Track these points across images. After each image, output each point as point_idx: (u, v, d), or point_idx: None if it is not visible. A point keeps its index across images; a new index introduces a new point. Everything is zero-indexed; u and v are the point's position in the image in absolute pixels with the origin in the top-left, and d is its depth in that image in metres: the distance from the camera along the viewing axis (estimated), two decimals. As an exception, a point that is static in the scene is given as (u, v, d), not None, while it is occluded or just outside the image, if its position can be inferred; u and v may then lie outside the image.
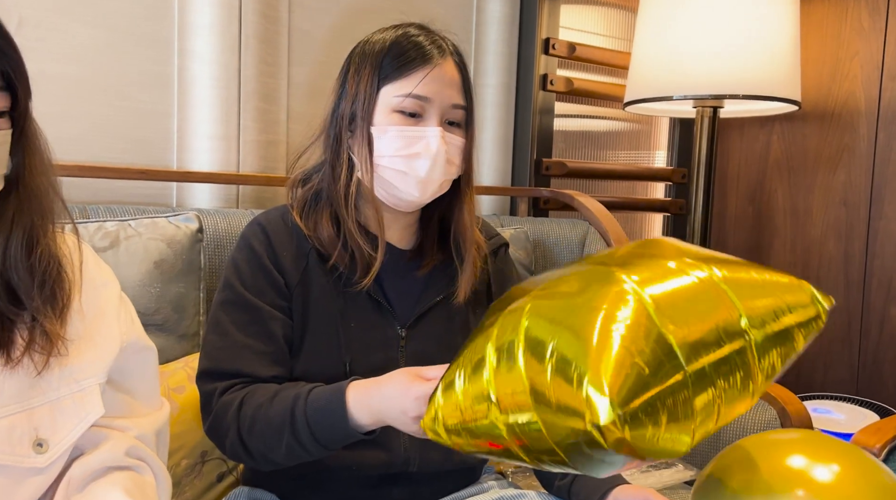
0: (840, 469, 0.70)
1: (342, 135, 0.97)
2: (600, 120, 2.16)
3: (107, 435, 0.78)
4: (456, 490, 1.01)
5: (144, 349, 0.84)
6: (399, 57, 0.94)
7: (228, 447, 0.89)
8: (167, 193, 1.49)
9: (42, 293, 0.71)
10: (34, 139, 0.75)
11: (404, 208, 0.98)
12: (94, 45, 1.39)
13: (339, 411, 0.81)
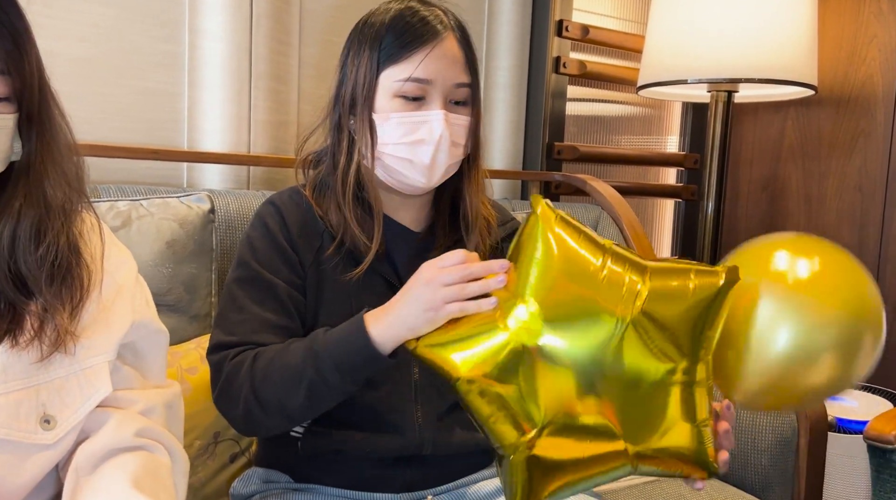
0: (821, 264, 0.80)
1: (343, 120, 0.96)
2: (612, 104, 2.14)
3: (111, 416, 0.76)
4: (468, 474, 1.01)
5: (156, 332, 0.84)
6: (398, 38, 0.91)
7: (242, 408, 0.86)
8: (178, 173, 1.48)
9: (52, 287, 0.70)
10: (49, 125, 0.72)
11: (413, 193, 0.97)
12: (104, 23, 1.38)
13: (359, 334, 0.80)
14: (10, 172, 0.71)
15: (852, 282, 0.79)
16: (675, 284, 0.75)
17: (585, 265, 0.75)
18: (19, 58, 0.68)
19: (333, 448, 0.93)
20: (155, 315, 0.84)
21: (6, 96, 0.68)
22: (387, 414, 0.93)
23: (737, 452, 1.33)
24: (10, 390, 0.69)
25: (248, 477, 1.01)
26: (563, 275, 0.75)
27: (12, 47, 0.67)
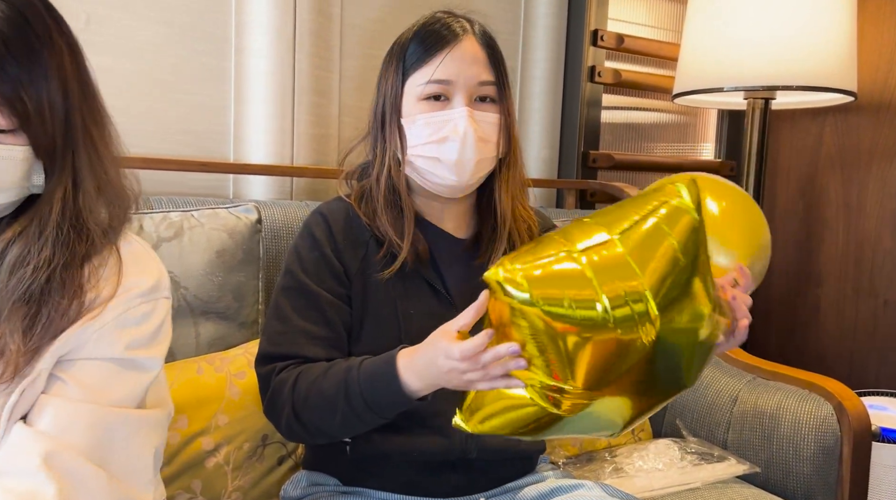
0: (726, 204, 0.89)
1: (378, 132, 1.00)
2: (647, 112, 2.15)
3: (22, 431, 0.69)
4: (513, 479, 1.02)
5: (121, 360, 0.74)
6: (420, 45, 0.96)
7: (284, 424, 0.90)
8: (224, 184, 1.52)
9: (11, 322, 0.67)
10: (80, 156, 0.71)
11: (448, 194, 0.99)
12: (155, 41, 1.43)
13: (390, 376, 0.83)
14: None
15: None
16: (672, 284, 0.73)
17: (592, 321, 0.72)
18: (23, 92, 0.66)
19: (381, 453, 0.95)
20: (133, 342, 0.75)
21: (10, 128, 0.66)
22: (433, 418, 0.95)
23: (778, 460, 1.33)
24: None
25: (297, 480, 1.04)
26: (580, 342, 0.73)
27: (25, 75, 0.65)
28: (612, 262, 0.73)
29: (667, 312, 0.73)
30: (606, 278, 0.72)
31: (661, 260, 0.73)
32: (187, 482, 1.06)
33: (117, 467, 0.73)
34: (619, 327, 0.71)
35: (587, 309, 0.71)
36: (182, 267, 1.17)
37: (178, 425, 1.06)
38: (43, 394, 0.71)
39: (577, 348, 0.72)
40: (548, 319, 0.71)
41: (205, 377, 1.11)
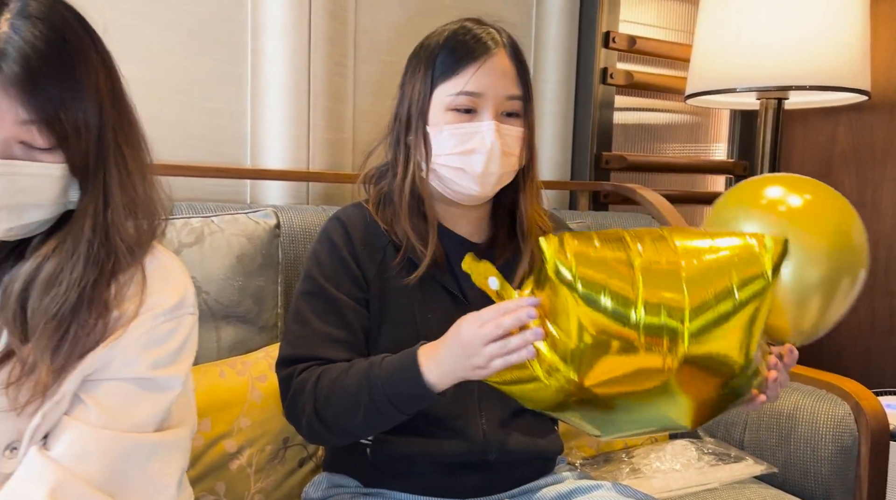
0: (811, 197, 0.86)
1: (401, 136, 1.00)
2: (659, 113, 2.15)
3: (33, 457, 0.69)
4: (532, 479, 1.03)
5: (140, 379, 0.74)
6: (451, 55, 0.96)
7: (305, 424, 0.91)
8: (241, 189, 1.54)
9: (43, 340, 0.68)
10: (112, 172, 0.72)
11: (469, 203, 1.00)
12: (171, 47, 1.45)
13: (411, 367, 0.84)
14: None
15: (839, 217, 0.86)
16: (716, 309, 0.73)
17: (620, 338, 0.73)
18: (61, 110, 0.67)
19: (401, 454, 0.97)
20: (156, 362, 0.75)
21: (48, 147, 0.67)
22: (452, 420, 0.96)
23: (796, 460, 1.33)
24: None
25: (318, 482, 1.05)
26: (601, 354, 0.74)
27: (63, 94, 0.66)
28: (666, 273, 0.73)
29: (698, 342, 0.72)
30: (652, 284, 0.72)
31: (713, 290, 0.72)
32: (211, 484, 1.08)
33: (132, 491, 0.73)
34: (645, 334, 0.71)
35: (622, 305, 0.72)
36: (203, 272, 1.19)
37: (202, 428, 1.08)
38: (65, 416, 0.72)
39: (596, 343, 0.73)
40: (581, 301, 0.72)
41: (227, 381, 1.12)
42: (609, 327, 0.72)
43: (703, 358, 0.73)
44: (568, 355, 0.74)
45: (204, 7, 1.47)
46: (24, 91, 0.65)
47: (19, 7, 0.67)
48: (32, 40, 0.66)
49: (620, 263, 0.73)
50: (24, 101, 0.65)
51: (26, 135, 0.67)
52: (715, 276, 0.73)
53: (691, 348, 0.72)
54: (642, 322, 0.72)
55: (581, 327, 0.73)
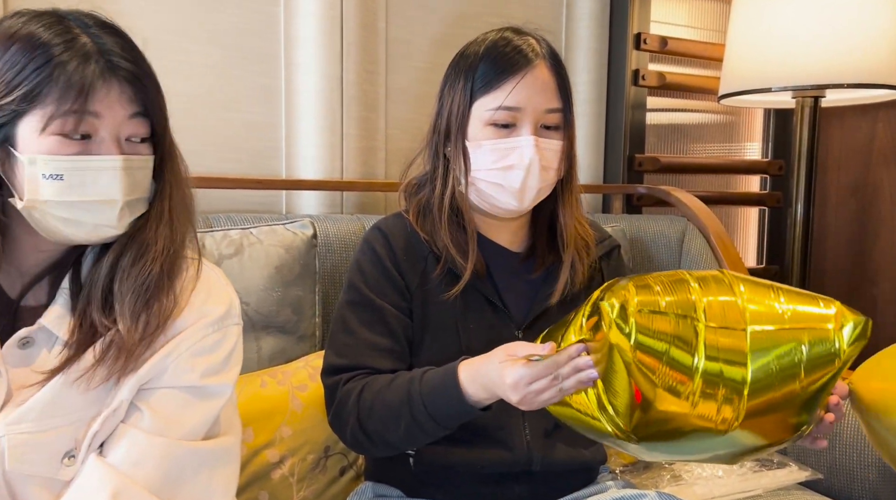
0: None
1: (440, 148, 1.00)
2: (692, 113, 2.13)
3: (93, 462, 0.73)
4: (575, 489, 1.03)
5: (190, 388, 0.78)
6: (490, 68, 0.95)
7: (349, 434, 0.92)
8: (277, 200, 1.56)
9: (135, 307, 0.73)
10: (174, 164, 0.79)
11: (506, 216, 1.00)
12: (208, 62, 1.47)
13: (452, 386, 0.84)
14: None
15: None
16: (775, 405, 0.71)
17: (675, 402, 0.71)
18: (159, 103, 0.76)
19: (444, 465, 0.97)
20: (207, 370, 0.79)
21: (147, 136, 0.75)
22: (496, 431, 0.96)
23: (841, 466, 1.31)
24: (50, 428, 0.71)
25: (362, 491, 1.06)
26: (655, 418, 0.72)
27: (153, 94, 0.75)
28: (728, 344, 0.70)
29: (754, 416, 0.70)
30: (713, 354, 0.69)
31: (779, 367, 0.70)
32: (255, 493, 1.09)
33: (183, 499, 0.76)
34: (700, 403, 0.69)
35: (678, 383, 0.70)
36: (243, 283, 1.20)
37: (245, 437, 1.09)
38: (121, 423, 0.75)
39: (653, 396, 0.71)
40: (636, 371, 0.70)
41: (268, 391, 1.13)
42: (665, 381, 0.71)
43: (759, 423, 0.71)
44: (620, 409, 0.74)
45: (239, 22, 1.49)
46: (133, 85, 0.72)
47: (89, 22, 0.73)
48: (122, 44, 0.73)
49: (683, 329, 0.70)
50: (132, 94, 0.73)
51: (132, 127, 0.74)
52: (782, 352, 0.70)
53: (745, 422, 0.70)
54: (698, 392, 0.70)
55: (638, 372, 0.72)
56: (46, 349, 0.74)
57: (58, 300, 0.76)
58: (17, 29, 0.70)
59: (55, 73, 0.68)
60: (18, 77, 0.68)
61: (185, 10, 1.44)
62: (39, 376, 0.72)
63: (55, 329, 0.74)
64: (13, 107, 0.68)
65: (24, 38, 0.69)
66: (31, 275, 0.77)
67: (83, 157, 0.71)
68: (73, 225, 0.72)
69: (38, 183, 0.70)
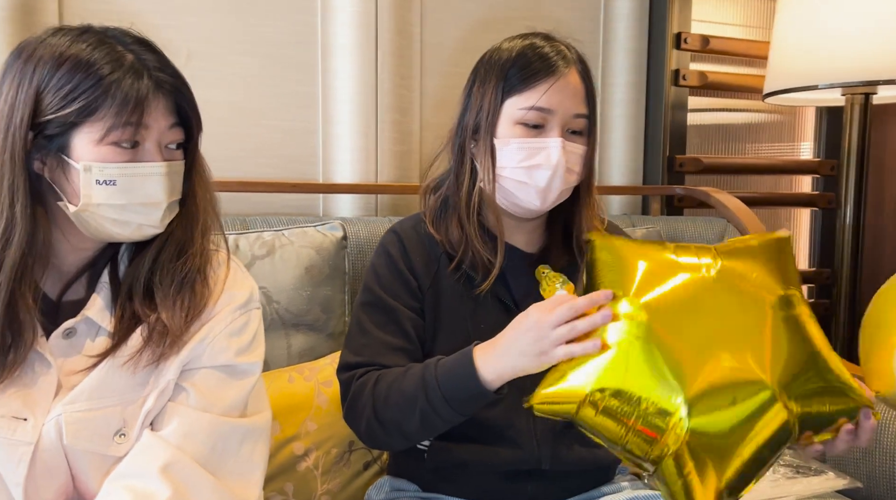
0: None
1: (466, 145, 1.02)
2: (739, 113, 2.08)
3: (147, 436, 0.79)
4: (588, 489, 1.03)
5: (224, 367, 0.85)
6: (524, 69, 0.97)
7: (364, 426, 0.94)
8: (314, 203, 1.61)
9: (177, 295, 0.81)
10: (201, 167, 0.86)
11: (525, 216, 1.01)
12: (248, 72, 1.54)
13: (467, 369, 0.86)
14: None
15: None
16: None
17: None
18: (195, 112, 0.82)
19: (457, 461, 0.99)
20: (239, 350, 0.85)
21: (182, 142, 0.82)
22: (506, 429, 0.98)
23: (881, 474, 1.26)
24: (101, 407, 0.78)
25: (381, 485, 1.09)
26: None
27: (190, 104, 0.81)
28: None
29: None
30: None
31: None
32: (281, 484, 1.13)
33: (228, 471, 0.82)
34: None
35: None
36: (274, 282, 1.26)
37: (272, 430, 1.13)
38: (170, 402, 0.82)
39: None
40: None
41: (295, 386, 1.18)
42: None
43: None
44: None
45: (279, 33, 1.55)
46: (174, 98, 0.80)
47: (128, 40, 0.79)
48: (160, 59, 0.80)
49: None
50: (173, 106, 0.80)
51: (172, 135, 0.81)
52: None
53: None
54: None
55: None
56: (90, 339, 0.81)
57: (99, 294, 0.83)
58: (65, 48, 0.76)
59: (112, 90, 0.74)
60: (73, 93, 0.74)
61: (226, 23, 1.51)
62: (88, 362, 0.79)
63: (99, 320, 0.81)
64: (69, 119, 0.74)
65: (73, 58, 0.75)
66: (70, 273, 0.84)
67: (133, 164, 0.77)
68: (120, 225, 0.79)
69: (91, 188, 0.76)
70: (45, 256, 0.79)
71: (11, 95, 0.75)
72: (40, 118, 0.74)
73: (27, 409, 0.77)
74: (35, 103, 0.74)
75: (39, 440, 0.76)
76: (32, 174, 0.76)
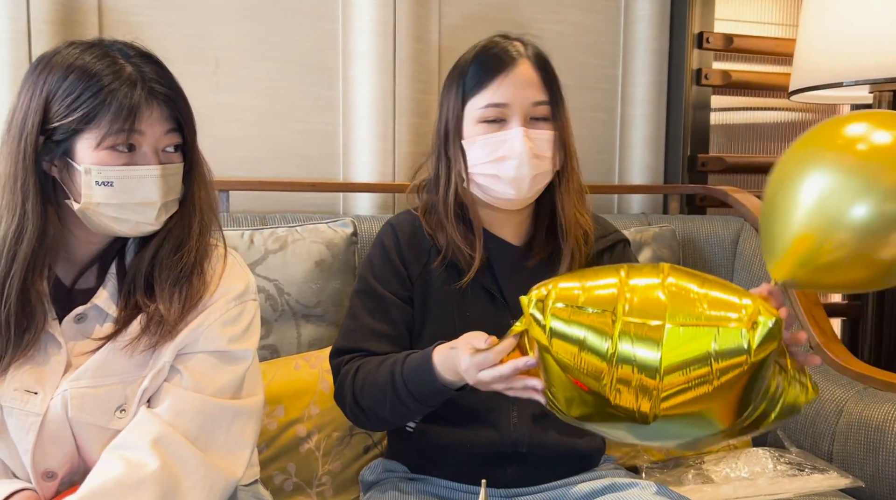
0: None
1: (441, 149, 1.08)
2: (766, 111, 2.06)
3: (141, 412, 0.86)
4: (569, 475, 1.07)
5: (217, 353, 0.91)
6: (478, 71, 1.02)
7: (348, 409, 1.02)
8: (335, 202, 1.69)
9: (174, 288, 0.88)
10: (200, 169, 0.93)
11: (509, 207, 1.06)
12: (273, 77, 1.63)
13: (427, 369, 0.91)
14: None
15: None
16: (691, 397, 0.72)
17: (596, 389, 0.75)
18: (189, 119, 0.90)
19: (439, 443, 1.04)
20: (232, 337, 0.91)
21: (180, 145, 0.90)
22: (485, 413, 1.02)
23: (885, 474, 1.25)
24: (103, 384, 0.86)
25: (374, 466, 1.15)
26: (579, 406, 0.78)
27: (185, 112, 0.89)
28: (646, 333, 0.73)
29: (676, 401, 0.72)
30: (633, 325, 0.73)
31: (691, 371, 0.71)
32: (283, 464, 1.21)
33: (217, 448, 0.88)
34: (618, 370, 0.73)
35: (594, 375, 0.74)
36: (285, 275, 1.34)
37: (276, 413, 1.21)
38: (165, 382, 0.89)
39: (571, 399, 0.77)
40: (555, 365, 0.75)
41: (300, 372, 1.25)
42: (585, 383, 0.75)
43: (685, 413, 0.73)
44: (558, 397, 0.80)
45: (301, 40, 1.64)
46: (169, 106, 0.86)
47: (130, 52, 0.87)
48: (159, 71, 0.87)
49: (600, 322, 0.74)
50: (168, 114, 0.86)
51: (168, 140, 0.87)
52: (695, 345, 0.72)
53: (668, 412, 0.73)
54: (613, 381, 0.73)
55: (562, 385, 0.77)
56: (98, 324, 0.90)
57: (107, 284, 0.91)
58: (73, 60, 0.85)
59: (108, 99, 0.82)
60: (76, 102, 0.83)
61: (252, 31, 1.61)
62: (94, 344, 0.87)
63: (105, 307, 0.90)
64: (73, 126, 0.83)
65: (79, 69, 0.84)
66: (82, 264, 0.92)
67: (129, 167, 0.85)
68: (119, 222, 0.87)
69: (92, 188, 0.84)
70: (56, 248, 0.88)
71: (25, 103, 0.84)
72: (49, 125, 0.83)
73: (38, 384, 0.86)
74: (44, 111, 0.83)
75: (47, 412, 0.85)
76: (43, 175, 0.85)
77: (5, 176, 0.84)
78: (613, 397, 0.73)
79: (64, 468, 0.87)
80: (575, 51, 1.86)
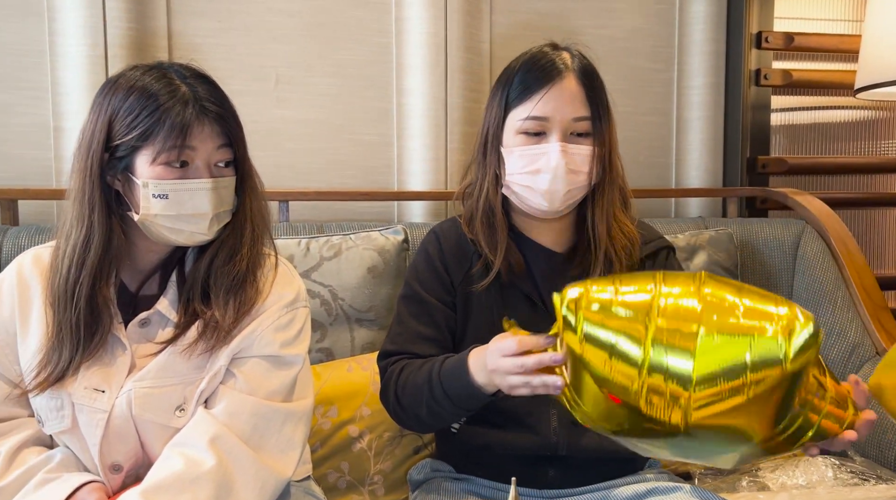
0: None
1: (482, 156, 1.10)
2: (832, 110, 2.00)
3: (199, 412, 0.91)
4: (612, 478, 1.07)
5: (269, 358, 0.96)
6: (523, 81, 1.04)
7: (391, 408, 1.05)
8: (390, 210, 1.74)
9: (227, 295, 0.93)
10: (251, 181, 0.99)
11: (542, 216, 1.07)
12: (330, 91, 1.70)
13: (462, 371, 0.94)
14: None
15: None
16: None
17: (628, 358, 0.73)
18: (239, 135, 0.95)
19: (482, 444, 1.06)
20: (284, 342, 0.96)
21: (231, 160, 0.95)
22: (525, 417, 1.04)
23: (949, 487, 1.19)
24: (164, 385, 0.92)
25: (422, 466, 1.18)
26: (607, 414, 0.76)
27: (236, 128, 0.95)
28: (679, 342, 0.71)
29: (708, 412, 0.70)
30: (666, 332, 0.71)
31: (726, 381, 0.70)
32: (337, 462, 1.26)
33: (269, 448, 0.93)
34: (651, 377, 0.71)
35: (626, 381, 0.73)
36: (339, 281, 1.39)
37: (330, 414, 1.27)
38: (221, 384, 0.95)
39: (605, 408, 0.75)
40: (589, 374, 0.74)
41: (353, 375, 1.30)
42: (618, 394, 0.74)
43: (718, 425, 0.71)
44: (584, 404, 0.79)
45: (357, 55, 1.70)
46: (220, 123, 0.92)
47: (186, 73, 0.93)
48: (211, 90, 0.93)
49: (634, 329, 0.73)
50: (220, 130, 0.93)
51: (219, 155, 0.93)
52: (729, 353, 0.70)
53: (701, 422, 0.71)
54: (645, 388, 0.72)
55: (593, 395, 0.76)
56: (160, 329, 0.97)
57: (168, 291, 0.98)
58: (134, 82, 0.92)
59: (163, 118, 0.89)
60: (136, 121, 0.90)
61: (309, 48, 1.68)
62: (156, 347, 0.94)
63: (167, 313, 0.96)
64: (132, 143, 0.90)
65: (139, 90, 0.91)
66: (146, 271, 1.00)
67: (183, 181, 0.91)
68: (174, 233, 0.93)
69: (149, 201, 0.91)
70: (121, 257, 0.95)
71: (93, 122, 0.92)
72: (112, 142, 0.91)
73: (105, 383, 0.93)
74: (108, 129, 0.90)
75: (113, 409, 0.92)
76: (108, 189, 0.93)
77: (75, 190, 0.92)
78: (645, 407, 0.72)
79: (129, 462, 0.94)
80: (628, 55, 1.86)
